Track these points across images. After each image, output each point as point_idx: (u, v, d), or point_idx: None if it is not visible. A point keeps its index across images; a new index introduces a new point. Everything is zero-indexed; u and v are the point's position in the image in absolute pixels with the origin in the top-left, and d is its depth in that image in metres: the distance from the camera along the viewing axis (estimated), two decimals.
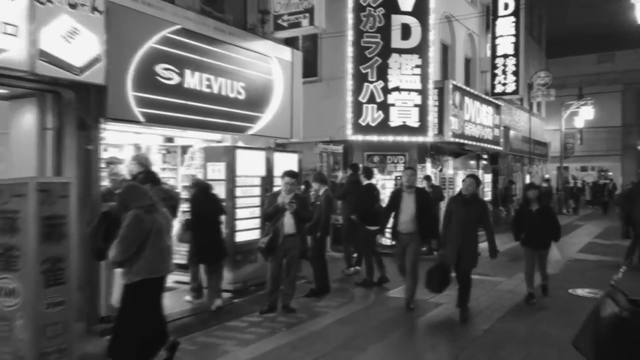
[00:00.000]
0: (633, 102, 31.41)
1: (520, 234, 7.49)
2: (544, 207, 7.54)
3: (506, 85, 16.00)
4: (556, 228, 7.43)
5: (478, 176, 7.16)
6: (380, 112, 12.14)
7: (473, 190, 6.47)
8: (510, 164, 20.25)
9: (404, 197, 6.87)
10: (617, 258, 10.95)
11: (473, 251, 6.44)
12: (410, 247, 6.87)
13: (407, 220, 6.79)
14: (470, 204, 6.40)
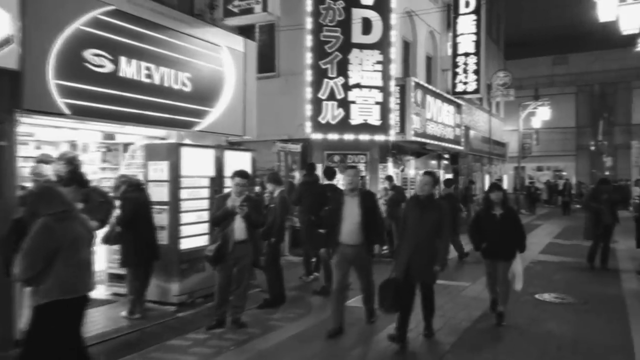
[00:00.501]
0: (586, 104, 32.06)
1: (481, 243, 6.38)
2: (509, 211, 6.40)
3: (467, 85, 15.74)
4: (521, 236, 6.29)
5: (435, 174, 5.74)
6: (340, 109, 11.59)
7: (429, 190, 5.43)
8: (470, 164, 20.11)
9: (346, 202, 5.68)
10: (579, 259, 10.74)
11: (429, 262, 5.35)
12: (357, 263, 5.79)
13: (351, 229, 5.63)
14: (427, 207, 5.37)
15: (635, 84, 30.56)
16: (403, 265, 5.38)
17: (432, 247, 5.36)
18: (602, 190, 9.91)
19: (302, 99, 11.52)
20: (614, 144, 30.92)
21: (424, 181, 5.47)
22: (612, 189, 10.09)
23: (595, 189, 9.97)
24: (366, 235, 5.67)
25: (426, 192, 5.41)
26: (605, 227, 9.80)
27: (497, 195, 6.30)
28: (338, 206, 5.71)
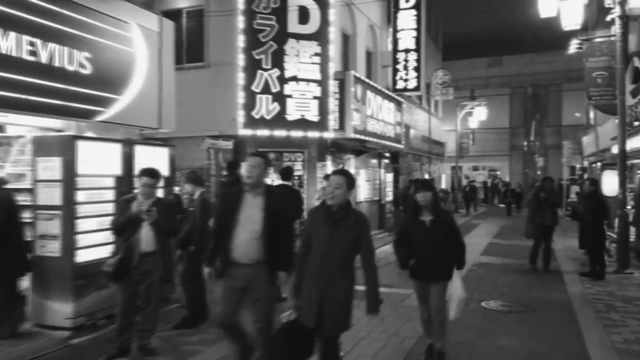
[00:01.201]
0: (519, 105, 32.80)
1: (409, 260, 4.69)
2: (441, 216, 4.72)
3: (408, 82, 15.24)
4: (460, 248, 4.70)
5: (350, 172, 4.00)
6: (275, 103, 10.67)
7: (342, 197, 3.66)
8: (410, 164, 19.75)
9: (245, 202, 3.99)
10: (521, 260, 10.38)
11: (342, 302, 3.66)
12: (253, 294, 3.97)
13: (247, 241, 3.90)
14: (340, 222, 3.64)
15: (565, 87, 31.53)
16: (311, 305, 3.61)
17: (347, 279, 3.67)
18: (543, 189, 9.55)
19: (234, 92, 10.51)
20: (545, 144, 31.79)
21: (334, 184, 3.66)
22: (553, 189, 9.75)
23: (540, 187, 9.59)
24: (269, 251, 3.93)
25: (338, 200, 3.64)
26: (545, 228, 9.45)
27: (425, 197, 4.58)
28: (232, 207, 3.97)
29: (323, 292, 3.61)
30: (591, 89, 10.61)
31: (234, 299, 4.01)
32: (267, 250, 3.95)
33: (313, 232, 3.73)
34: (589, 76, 10.59)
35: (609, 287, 8.17)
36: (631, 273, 9.30)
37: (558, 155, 31.66)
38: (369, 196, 14.84)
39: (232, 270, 3.96)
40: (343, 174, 3.79)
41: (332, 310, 3.61)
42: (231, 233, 3.94)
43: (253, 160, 4.03)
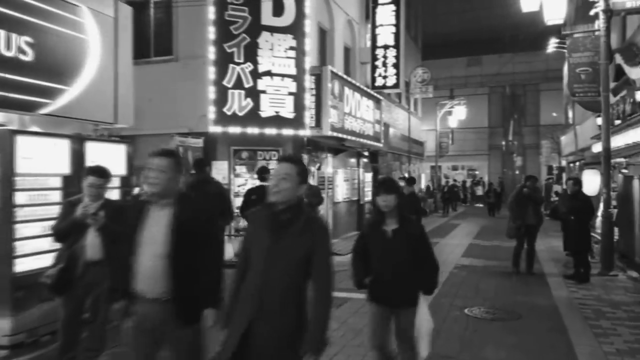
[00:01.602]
0: (498, 104, 32.72)
1: (364, 277, 3.73)
2: (409, 224, 3.69)
3: (387, 79, 14.80)
4: (430, 267, 3.66)
5: (302, 160, 3.09)
6: (249, 99, 10.11)
7: (291, 192, 2.69)
8: (389, 163, 19.34)
9: (149, 217, 2.94)
10: (503, 262, 10.01)
11: (282, 341, 2.63)
12: (166, 340, 2.93)
13: (151, 268, 2.85)
14: (286, 227, 2.68)
15: (543, 87, 31.55)
16: (234, 341, 2.63)
17: (291, 310, 2.63)
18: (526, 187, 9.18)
19: (204, 87, 9.92)
20: (524, 144, 31.76)
21: (281, 173, 2.68)
22: (536, 187, 9.39)
23: (522, 186, 9.22)
24: (179, 282, 2.82)
25: (285, 196, 2.66)
26: (528, 227, 9.08)
27: (387, 201, 3.58)
28: (133, 224, 2.94)
29: (256, 324, 2.59)
30: (575, 85, 10.29)
31: (145, 344, 2.93)
32: (176, 281, 2.83)
33: (252, 241, 2.76)
34: (572, 72, 10.27)
35: (595, 291, 7.82)
36: (616, 275, 8.99)
37: (536, 154, 31.67)
38: (348, 196, 14.37)
39: (139, 307, 2.89)
40: (292, 161, 2.76)
41: (267, 352, 2.59)
42: (132, 258, 2.90)
43: (158, 162, 2.90)
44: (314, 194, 9.89)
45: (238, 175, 10.61)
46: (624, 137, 10.84)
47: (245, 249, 2.82)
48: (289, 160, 2.80)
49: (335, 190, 13.42)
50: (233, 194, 10.48)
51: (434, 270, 3.69)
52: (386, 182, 3.82)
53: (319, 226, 2.75)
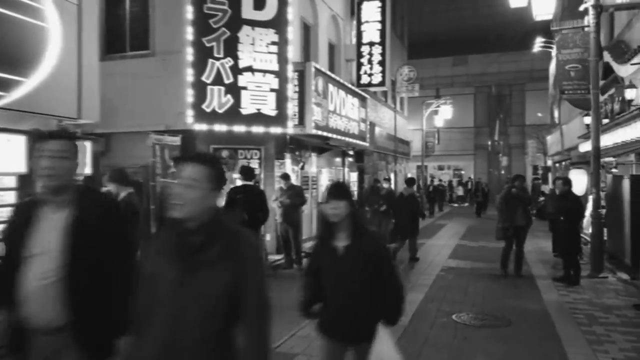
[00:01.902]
0: (483, 104, 32.64)
1: (312, 304, 2.97)
2: (366, 239, 2.86)
3: (372, 76, 14.47)
4: (393, 292, 2.87)
5: (217, 159, 2.10)
6: (229, 96, 9.68)
7: (201, 204, 1.91)
8: (375, 162, 19.03)
9: (41, 221, 2.22)
10: (491, 264, 9.73)
11: None
12: None
13: (40, 289, 2.14)
14: (197, 254, 1.91)
15: (529, 87, 31.51)
16: None
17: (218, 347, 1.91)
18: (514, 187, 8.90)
19: (182, 83, 9.47)
20: (509, 143, 31.70)
21: (185, 179, 1.92)
22: (524, 187, 9.11)
23: (510, 187, 8.94)
24: (80, 307, 2.17)
25: (192, 211, 1.90)
26: (517, 229, 8.79)
27: (337, 209, 2.78)
28: (19, 232, 2.22)
29: None
30: (564, 82, 10.05)
31: None
32: (76, 303, 2.15)
33: (154, 275, 1.92)
34: (561, 69, 10.02)
35: (586, 294, 7.55)
36: (605, 277, 8.75)
37: (522, 154, 31.65)
38: None
39: (29, 339, 2.19)
40: (201, 162, 1.95)
41: None
42: (17, 277, 2.15)
43: (53, 146, 2.18)
44: (297, 194, 9.53)
45: None
46: (612, 136, 10.65)
47: (141, 285, 1.96)
48: (197, 160, 1.95)
49: (319, 191, 13.05)
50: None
51: (398, 296, 2.87)
52: (335, 186, 2.97)
53: (247, 247, 1.95)
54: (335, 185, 3.03)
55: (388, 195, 11.49)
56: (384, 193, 11.50)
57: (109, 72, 10.51)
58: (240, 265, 1.90)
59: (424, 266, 9.90)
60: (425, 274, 9.04)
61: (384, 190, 11.60)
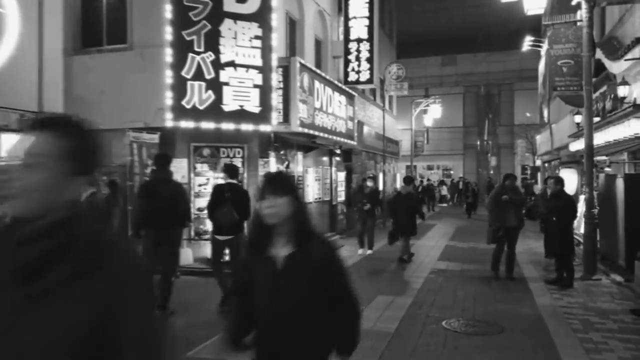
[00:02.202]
0: (472, 104, 32.44)
1: (243, 333, 2.22)
2: (313, 245, 2.15)
3: (360, 74, 14.10)
4: (349, 310, 2.23)
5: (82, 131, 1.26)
6: (210, 92, 9.26)
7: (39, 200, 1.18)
8: (364, 162, 18.68)
9: None
10: (481, 266, 9.41)
11: None
12: None
13: None
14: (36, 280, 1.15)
15: (517, 86, 31.37)
16: None
17: None
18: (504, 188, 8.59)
19: (161, 78, 9.03)
20: (498, 143, 31.53)
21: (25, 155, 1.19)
22: (516, 187, 8.80)
23: (501, 186, 8.63)
24: None
25: (32, 206, 1.18)
26: (507, 230, 8.47)
27: (275, 206, 2.09)
28: None
29: None
30: (556, 78, 9.75)
31: None
32: None
33: None
34: (553, 65, 9.72)
35: (580, 298, 7.24)
36: (599, 279, 8.47)
37: (511, 154, 31.50)
38: (319, 196, 13.64)
39: None
40: (54, 128, 1.22)
41: None
42: None
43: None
44: None
45: (199, 174, 9.76)
46: (604, 135, 10.38)
47: None
48: (45, 126, 1.23)
49: (305, 190, 12.66)
50: (193, 194, 9.64)
51: (352, 317, 2.24)
52: (274, 178, 2.25)
53: (121, 264, 1.23)
54: (274, 176, 2.28)
55: (372, 194, 11.17)
56: (368, 192, 11.14)
57: (85, 66, 10.08)
58: (108, 294, 1.17)
59: (413, 268, 9.56)
60: (414, 276, 8.70)
61: (368, 189, 11.23)
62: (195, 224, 9.64)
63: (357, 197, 11.39)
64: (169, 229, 5.83)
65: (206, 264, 9.30)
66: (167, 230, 5.82)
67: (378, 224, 16.07)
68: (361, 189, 11.63)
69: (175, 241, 5.92)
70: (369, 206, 10.82)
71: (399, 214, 10.09)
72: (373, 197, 11.10)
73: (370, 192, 11.15)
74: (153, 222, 5.77)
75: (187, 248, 9.37)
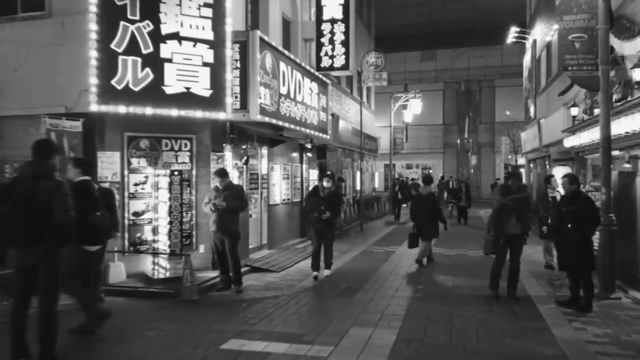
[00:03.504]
0: (452, 101, 31.00)
1: None
2: None
3: (334, 59, 12.34)
4: None
5: None
6: (147, 70, 7.41)
7: None
8: (340, 159, 16.97)
9: None
10: (476, 281, 7.78)
11: None
12: None
13: None
14: None
15: (498, 83, 30.04)
16: None
17: None
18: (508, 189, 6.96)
19: (85, 52, 7.14)
20: (479, 142, 30.16)
21: None
22: (520, 187, 7.16)
23: (504, 187, 6.99)
24: None
25: None
26: (509, 238, 6.84)
27: None
28: None
29: None
30: (567, 56, 8.14)
31: None
32: None
33: None
34: (563, 40, 8.12)
35: (607, 326, 5.62)
36: (618, 298, 6.88)
37: (491, 152, 30.19)
38: (288, 197, 11.86)
39: None
40: None
41: None
42: None
43: None
44: (235, 195, 7.33)
45: (135, 171, 7.88)
46: (614, 127, 8.80)
47: None
48: None
49: (271, 190, 10.87)
50: (127, 195, 7.76)
51: None
52: None
53: None
54: None
55: (331, 197, 8.21)
56: (325, 195, 8.15)
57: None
58: None
59: (394, 283, 7.85)
60: (397, 297, 6.98)
61: (326, 192, 8.17)
62: (130, 232, 7.78)
63: (312, 203, 8.25)
64: (39, 247, 3.99)
65: (143, 281, 7.47)
66: (36, 249, 3.98)
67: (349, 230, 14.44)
68: (316, 191, 8.37)
69: (52, 265, 4.05)
70: (328, 214, 8.04)
71: (421, 216, 9.28)
72: (333, 202, 8.25)
73: (329, 196, 8.21)
74: (17, 238, 3.93)
75: (119, 262, 7.49)
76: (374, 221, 18.44)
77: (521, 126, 25.30)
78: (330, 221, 8.27)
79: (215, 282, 7.63)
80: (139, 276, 7.61)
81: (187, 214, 8.03)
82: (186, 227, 8.04)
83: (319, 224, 8.18)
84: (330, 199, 8.24)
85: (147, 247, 7.85)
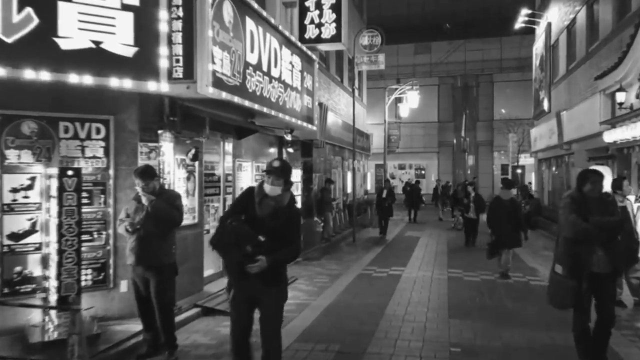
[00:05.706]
0: (448, 97, 28.35)
1: None
2: None
3: (322, 27, 9.52)
4: None
5: None
6: (29, 10, 4.53)
7: None
8: (328, 157, 14.18)
9: None
10: (531, 331, 5.02)
11: None
12: None
13: None
14: None
15: (497, 77, 27.46)
16: None
17: None
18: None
19: None
20: (476, 141, 27.53)
21: None
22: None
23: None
24: None
25: None
26: (591, 277, 4.10)
27: None
28: None
29: None
30: None
31: None
32: None
33: None
34: None
35: None
36: None
37: (489, 152, 27.65)
38: None
39: None
40: None
41: None
42: None
43: None
44: (167, 201, 4.47)
45: (12, 170, 4.95)
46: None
47: None
48: None
49: (236, 193, 8.01)
50: (1, 206, 4.86)
51: None
52: None
53: None
54: None
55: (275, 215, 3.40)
56: (263, 212, 3.41)
57: None
58: None
59: (413, 345, 5.04)
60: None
61: (265, 204, 3.43)
62: (4, 265, 4.87)
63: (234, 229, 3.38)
64: None
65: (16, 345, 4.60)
66: None
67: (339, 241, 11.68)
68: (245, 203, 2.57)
69: None
70: (263, 260, 3.20)
71: (501, 223, 8.20)
72: (281, 228, 3.40)
73: (275, 214, 3.40)
74: None
75: None
76: (367, 229, 15.70)
77: (522, 123, 22.77)
78: (275, 273, 3.45)
79: (139, 341, 4.79)
80: (15, 334, 4.72)
81: (100, 235, 5.18)
82: (98, 254, 5.19)
83: (245, 278, 3.35)
84: (276, 220, 3.43)
85: (33, 287, 4.95)
